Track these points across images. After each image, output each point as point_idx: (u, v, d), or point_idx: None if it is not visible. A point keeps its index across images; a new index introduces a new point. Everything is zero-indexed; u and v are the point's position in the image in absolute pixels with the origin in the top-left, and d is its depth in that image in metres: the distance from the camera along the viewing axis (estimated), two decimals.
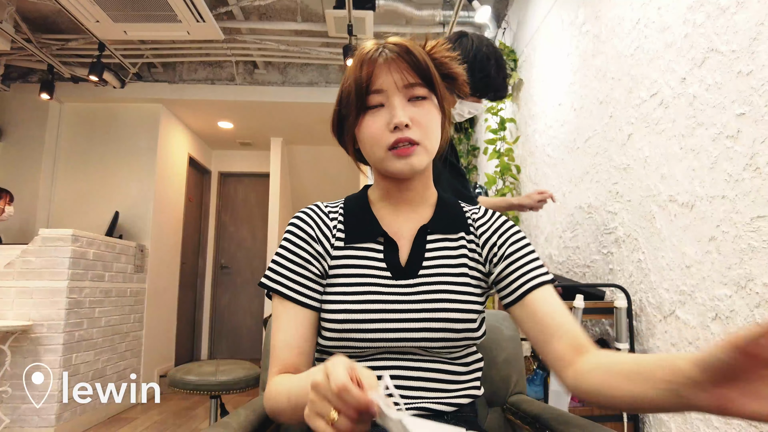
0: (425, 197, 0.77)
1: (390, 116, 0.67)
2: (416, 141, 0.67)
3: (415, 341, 0.68)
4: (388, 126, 0.67)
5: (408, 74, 0.68)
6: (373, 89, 0.68)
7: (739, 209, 1.18)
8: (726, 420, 1.21)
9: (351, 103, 0.70)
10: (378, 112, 0.68)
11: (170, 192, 4.36)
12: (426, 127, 0.68)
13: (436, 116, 0.70)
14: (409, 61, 0.68)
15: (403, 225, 0.75)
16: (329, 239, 0.74)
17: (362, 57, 0.69)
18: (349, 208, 0.77)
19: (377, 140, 0.68)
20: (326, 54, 3.73)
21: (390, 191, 0.75)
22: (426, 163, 0.70)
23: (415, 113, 0.68)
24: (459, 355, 0.73)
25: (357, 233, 0.74)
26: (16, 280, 2.74)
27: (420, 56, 0.68)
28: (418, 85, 0.68)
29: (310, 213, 0.76)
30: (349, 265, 0.72)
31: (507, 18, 3.09)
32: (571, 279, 2.11)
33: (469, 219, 0.78)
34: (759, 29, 1.13)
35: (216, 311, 5.37)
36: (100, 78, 3.35)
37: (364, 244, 0.73)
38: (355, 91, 0.69)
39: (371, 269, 0.72)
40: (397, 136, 0.66)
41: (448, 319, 0.68)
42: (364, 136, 0.70)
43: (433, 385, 0.70)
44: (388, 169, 0.69)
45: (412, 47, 0.69)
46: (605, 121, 1.84)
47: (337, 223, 0.76)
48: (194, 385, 1.68)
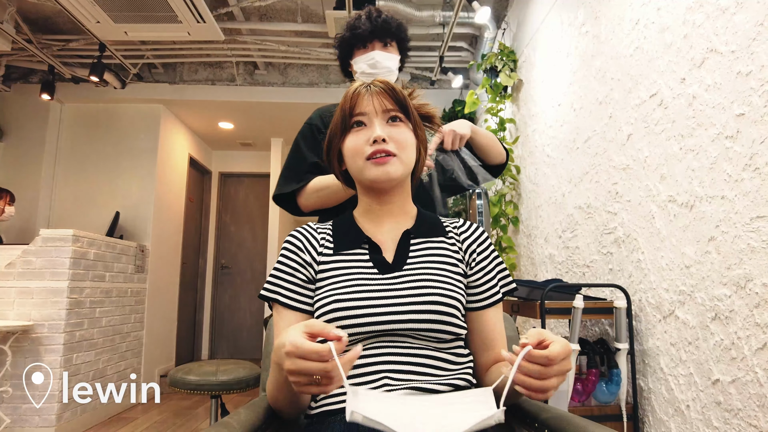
0: (405, 210, 0.85)
1: (370, 133, 0.78)
2: (392, 153, 0.78)
3: (403, 323, 0.73)
4: (368, 141, 0.78)
5: (387, 102, 0.80)
6: (357, 112, 0.80)
7: (739, 209, 1.19)
8: (726, 420, 1.22)
9: (338, 126, 0.82)
10: (360, 131, 0.80)
11: (171, 192, 4.37)
12: (402, 143, 0.79)
13: (411, 136, 0.82)
14: (390, 93, 0.80)
15: (386, 234, 0.83)
16: (316, 249, 0.82)
17: (350, 91, 0.82)
18: (336, 224, 0.87)
19: (358, 152, 0.79)
20: (326, 54, 3.74)
21: (372, 206, 0.84)
22: (401, 173, 0.79)
23: (392, 131, 0.79)
24: (448, 345, 0.76)
25: (343, 242, 0.83)
26: (17, 280, 2.74)
27: (399, 92, 0.81)
28: (396, 111, 0.81)
29: (300, 229, 0.86)
30: (338, 268, 0.80)
31: (507, 18, 3.10)
32: (570, 279, 2.12)
33: (449, 227, 0.87)
34: (758, 30, 1.14)
35: (216, 311, 5.37)
36: (100, 78, 3.35)
37: (351, 250, 0.81)
38: (341, 116, 0.81)
39: (358, 268, 0.79)
40: (375, 148, 0.77)
41: (435, 302, 0.74)
42: (348, 150, 0.81)
43: (426, 369, 0.73)
44: (367, 176, 0.79)
45: (394, 86, 0.82)
46: (605, 122, 1.84)
47: (326, 236, 0.84)
48: (195, 385, 1.68)
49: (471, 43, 3.68)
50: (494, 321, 0.81)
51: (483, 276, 0.82)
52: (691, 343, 1.35)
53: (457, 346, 0.78)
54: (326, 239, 0.84)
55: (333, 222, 0.88)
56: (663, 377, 1.47)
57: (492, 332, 0.80)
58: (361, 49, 1.31)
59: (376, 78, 0.84)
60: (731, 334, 1.20)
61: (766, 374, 1.10)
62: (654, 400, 1.52)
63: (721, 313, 1.24)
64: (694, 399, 1.33)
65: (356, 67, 1.33)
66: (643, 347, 1.58)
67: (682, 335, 1.39)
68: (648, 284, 1.55)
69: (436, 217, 0.88)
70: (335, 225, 0.86)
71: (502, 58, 2.90)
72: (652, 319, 1.53)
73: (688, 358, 1.36)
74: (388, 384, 0.71)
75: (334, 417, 0.72)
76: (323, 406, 0.74)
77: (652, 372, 1.53)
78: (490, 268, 0.83)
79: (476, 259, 0.82)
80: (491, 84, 2.99)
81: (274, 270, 0.82)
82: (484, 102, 3.32)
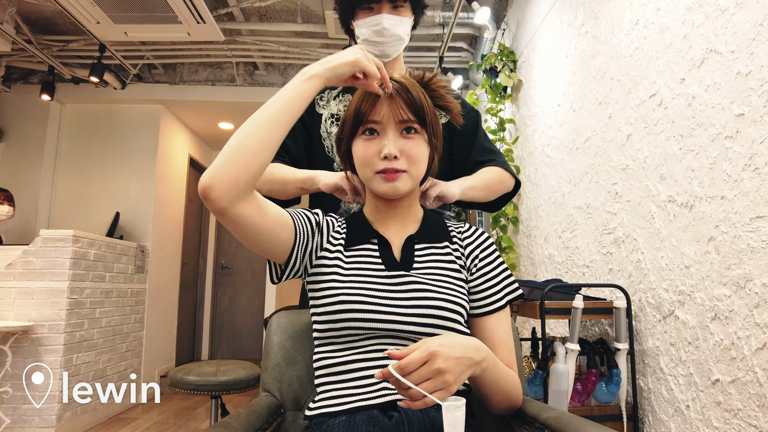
0: (411, 213, 0.85)
1: (382, 145, 0.76)
2: (403, 170, 0.76)
3: (405, 325, 0.72)
4: (379, 154, 0.76)
5: (404, 111, 0.76)
6: (370, 119, 0.77)
7: (738, 209, 1.19)
8: (726, 420, 1.22)
9: (349, 127, 0.80)
10: (372, 139, 0.77)
11: (171, 192, 4.37)
12: (414, 158, 0.77)
13: (424, 149, 0.79)
14: (406, 99, 0.76)
15: (393, 236, 0.83)
16: (330, 233, 0.83)
17: (366, 93, 0.78)
18: (348, 218, 0.88)
19: (368, 163, 0.77)
20: (326, 55, 3.73)
21: (379, 207, 0.84)
22: (410, 187, 0.78)
23: (405, 145, 0.76)
24: None
25: (354, 236, 0.82)
26: (17, 281, 2.74)
27: (417, 96, 0.77)
28: (412, 122, 0.77)
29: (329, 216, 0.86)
30: (346, 261, 0.80)
31: (506, 19, 3.10)
32: (570, 279, 2.12)
33: (453, 232, 0.86)
34: (758, 30, 1.14)
35: (216, 311, 5.37)
36: (100, 79, 3.36)
37: (361, 245, 0.81)
38: (353, 117, 0.78)
39: (367, 263, 0.79)
40: (385, 165, 0.76)
41: (437, 307, 0.74)
42: (358, 157, 0.79)
43: None
44: (375, 189, 0.79)
45: (411, 87, 0.77)
46: (604, 122, 1.84)
47: (340, 225, 0.85)
48: (195, 386, 1.68)
49: (471, 44, 3.69)
50: (496, 327, 0.79)
51: (485, 282, 0.81)
52: (690, 343, 1.35)
53: None
54: (340, 227, 0.84)
55: (347, 218, 0.88)
56: (663, 377, 1.47)
57: (493, 338, 0.78)
58: (366, 11, 1.10)
59: (393, 75, 0.78)
60: (731, 334, 1.21)
61: (765, 374, 1.10)
62: (654, 400, 1.52)
63: (720, 313, 1.24)
64: (694, 399, 1.33)
65: (359, 32, 1.13)
66: (643, 347, 1.58)
67: (681, 335, 1.39)
68: (648, 284, 1.55)
69: (442, 221, 0.88)
70: (347, 219, 0.87)
71: (502, 59, 2.90)
72: (651, 319, 1.53)
73: (687, 358, 1.36)
74: (386, 388, 0.72)
75: (333, 419, 0.72)
76: (323, 408, 0.74)
77: (652, 372, 1.53)
78: (494, 274, 0.82)
79: (477, 265, 0.82)
80: (491, 84, 2.99)
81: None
82: (483, 102, 3.32)
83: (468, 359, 0.62)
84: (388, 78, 0.76)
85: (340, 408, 0.72)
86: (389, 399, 0.71)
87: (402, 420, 0.68)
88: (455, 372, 0.60)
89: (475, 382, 0.71)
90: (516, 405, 0.77)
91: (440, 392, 0.59)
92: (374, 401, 0.71)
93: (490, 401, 0.75)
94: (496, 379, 0.70)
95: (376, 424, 0.68)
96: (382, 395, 0.71)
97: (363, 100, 0.78)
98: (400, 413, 0.69)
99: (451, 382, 0.59)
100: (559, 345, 1.55)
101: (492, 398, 0.74)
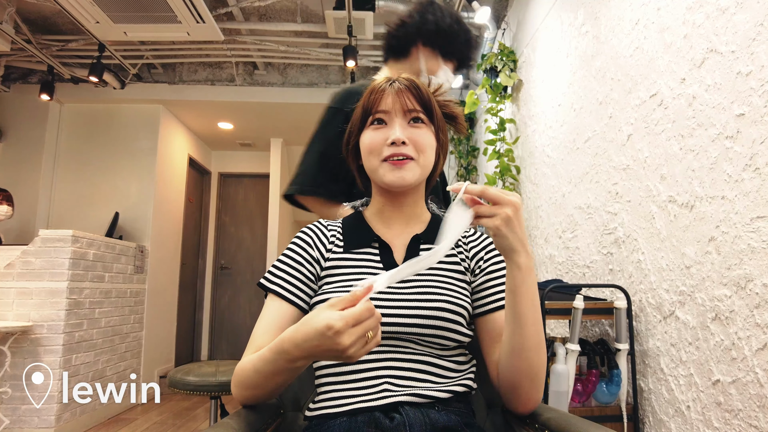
0: (417, 214, 0.84)
1: (390, 132, 0.76)
2: (410, 156, 0.75)
3: (407, 326, 0.72)
4: (386, 141, 0.76)
5: (411, 101, 0.77)
6: (378, 109, 0.77)
7: (739, 210, 1.19)
8: (726, 420, 1.22)
9: (357, 121, 0.80)
10: (380, 129, 0.77)
11: (170, 193, 4.36)
12: (421, 145, 0.77)
13: (432, 140, 0.79)
14: (414, 92, 0.77)
15: (395, 237, 0.82)
16: (325, 245, 0.81)
17: (374, 87, 0.79)
18: (347, 222, 0.86)
19: (374, 150, 0.77)
20: (326, 55, 3.73)
21: (384, 207, 0.83)
22: (417, 177, 0.77)
23: (413, 133, 0.76)
24: (450, 353, 0.76)
25: (353, 240, 0.81)
26: (16, 281, 2.74)
27: (424, 91, 0.78)
28: (419, 112, 0.78)
29: (310, 225, 0.85)
30: (347, 266, 0.79)
31: (506, 19, 3.09)
32: (570, 279, 2.12)
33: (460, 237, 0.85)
34: (758, 30, 1.14)
35: (216, 312, 5.37)
36: (100, 79, 3.35)
37: (361, 249, 0.80)
38: (362, 111, 0.79)
39: (367, 268, 0.78)
40: (392, 150, 0.75)
41: (440, 308, 0.73)
42: (365, 146, 0.78)
43: (426, 376, 0.73)
44: (382, 179, 0.77)
45: (420, 84, 0.79)
46: (605, 122, 1.84)
47: (336, 233, 0.83)
48: (194, 386, 1.67)
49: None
50: (501, 321, 0.78)
51: (489, 281, 0.80)
52: (691, 343, 1.35)
53: (459, 353, 0.77)
54: (336, 237, 0.83)
55: (343, 220, 0.87)
56: (663, 378, 1.47)
57: (500, 328, 0.77)
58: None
59: (402, 75, 0.81)
60: (731, 334, 1.20)
61: (766, 375, 1.10)
62: (654, 401, 1.52)
63: (721, 313, 1.24)
64: (695, 399, 1.33)
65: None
66: (644, 348, 1.58)
67: (682, 336, 1.39)
68: (648, 284, 1.55)
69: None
70: (345, 223, 0.85)
71: (502, 59, 2.90)
72: (652, 320, 1.53)
73: (688, 359, 1.36)
74: (387, 390, 0.71)
75: (333, 420, 0.71)
76: (323, 409, 0.74)
77: (653, 372, 1.53)
78: (498, 274, 0.81)
79: (482, 266, 0.81)
80: (491, 84, 2.99)
81: (279, 261, 0.80)
82: (483, 102, 3.32)
83: (527, 244, 0.65)
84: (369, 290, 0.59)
85: (340, 409, 0.72)
86: (390, 401, 0.70)
87: (403, 422, 0.67)
88: (517, 229, 0.63)
89: (515, 295, 0.67)
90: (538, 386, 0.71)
91: (493, 223, 0.62)
92: (375, 403, 0.70)
93: (520, 348, 0.68)
94: (534, 304, 0.67)
95: (377, 425, 0.68)
96: (383, 396, 0.71)
97: (370, 94, 0.78)
98: (401, 415, 0.69)
99: (508, 230, 0.62)
100: (560, 345, 1.54)
101: (525, 341, 0.67)
